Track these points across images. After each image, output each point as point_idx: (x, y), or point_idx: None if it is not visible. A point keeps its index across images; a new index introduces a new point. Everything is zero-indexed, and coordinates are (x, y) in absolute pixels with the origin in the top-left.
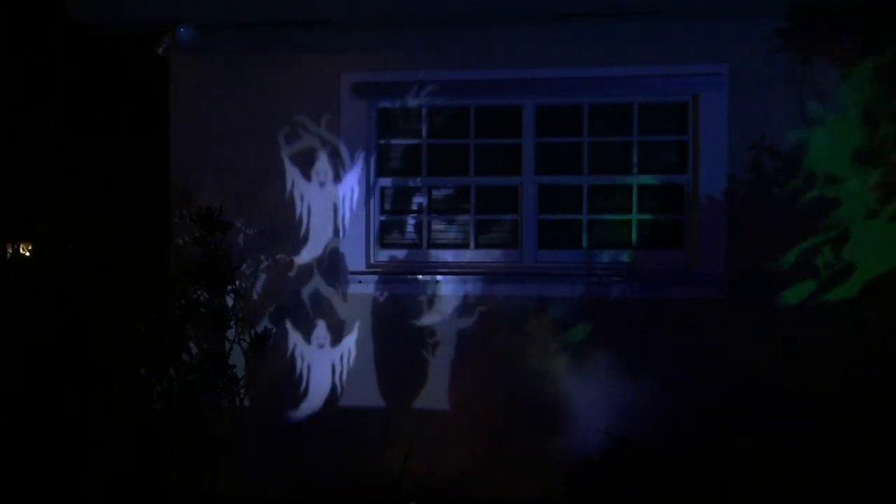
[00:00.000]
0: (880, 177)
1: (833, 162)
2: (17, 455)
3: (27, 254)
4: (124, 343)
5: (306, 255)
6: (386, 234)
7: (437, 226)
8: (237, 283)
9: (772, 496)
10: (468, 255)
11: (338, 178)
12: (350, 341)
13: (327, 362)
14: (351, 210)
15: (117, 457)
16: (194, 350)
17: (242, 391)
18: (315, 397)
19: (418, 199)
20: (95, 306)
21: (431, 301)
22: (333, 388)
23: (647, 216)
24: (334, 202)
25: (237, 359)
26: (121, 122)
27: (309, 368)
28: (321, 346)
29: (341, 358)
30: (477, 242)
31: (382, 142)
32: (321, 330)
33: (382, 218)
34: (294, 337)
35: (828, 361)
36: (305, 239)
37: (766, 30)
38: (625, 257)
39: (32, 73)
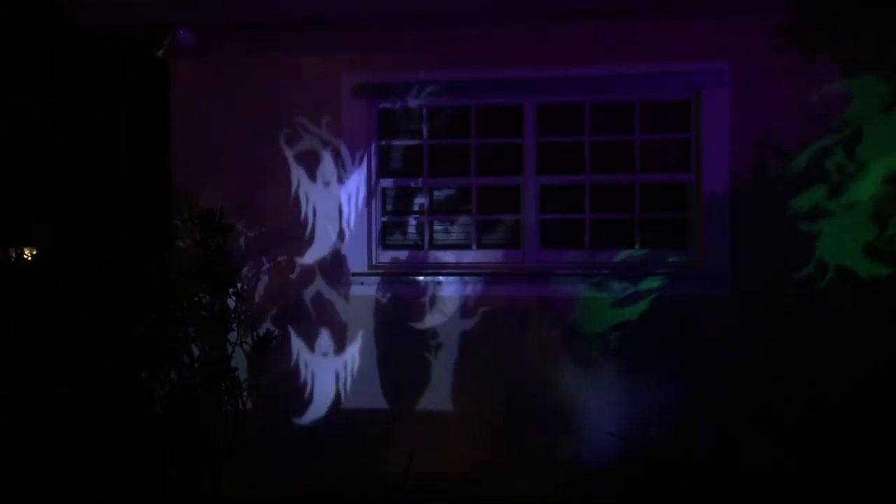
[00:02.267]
0: None
1: None
2: (17, 455)
3: (28, 256)
4: (125, 345)
5: (308, 257)
6: (388, 235)
7: (439, 226)
8: (239, 285)
9: (774, 492)
10: (470, 256)
11: (339, 180)
12: (352, 343)
13: (330, 364)
14: (352, 211)
15: (117, 458)
16: (196, 352)
17: (245, 393)
18: (318, 399)
19: (420, 200)
20: (96, 308)
21: (434, 302)
22: (336, 389)
23: (649, 215)
24: (335, 203)
25: (239, 361)
26: (121, 123)
27: (311, 370)
28: (323, 348)
29: (344, 360)
30: (479, 243)
31: (383, 142)
32: (323, 332)
33: (384, 219)
34: (296, 339)
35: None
36: (307, 240)
37: (769, 26)
38: (627, 257)
39: (32, 73)
